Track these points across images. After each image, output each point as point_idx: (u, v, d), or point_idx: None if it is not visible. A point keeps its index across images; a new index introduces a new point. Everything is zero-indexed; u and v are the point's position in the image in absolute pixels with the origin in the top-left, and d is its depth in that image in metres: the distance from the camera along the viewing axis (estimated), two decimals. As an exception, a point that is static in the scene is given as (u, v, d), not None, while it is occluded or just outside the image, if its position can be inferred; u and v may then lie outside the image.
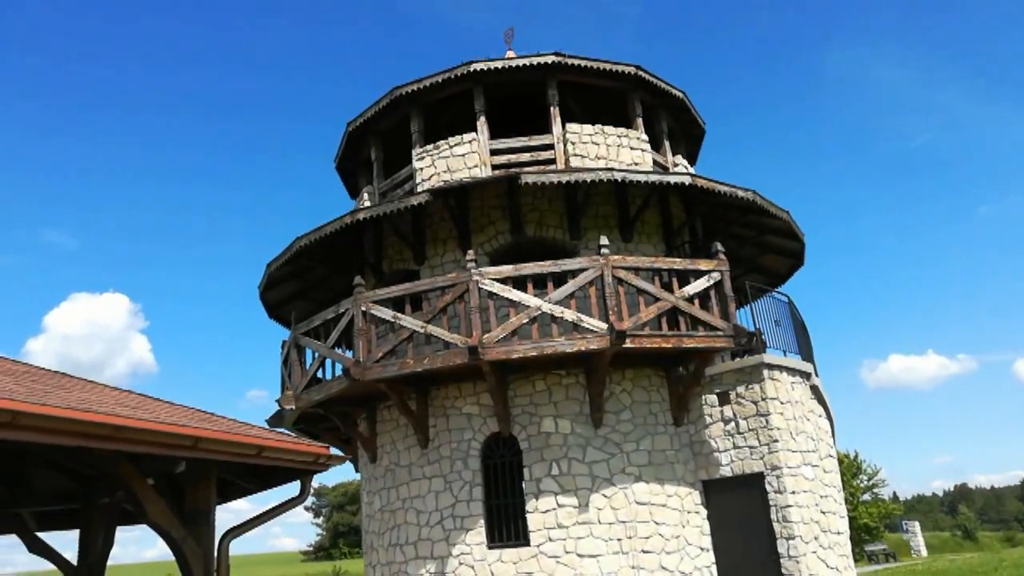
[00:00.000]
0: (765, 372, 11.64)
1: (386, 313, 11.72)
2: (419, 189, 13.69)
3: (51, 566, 8.69)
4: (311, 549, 63.79)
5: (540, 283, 11.44)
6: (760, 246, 15.69)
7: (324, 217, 13.10)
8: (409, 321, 11.50)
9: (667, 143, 15.44)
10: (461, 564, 11.62)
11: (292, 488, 6.64)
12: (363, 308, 11.80)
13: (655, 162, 14.60)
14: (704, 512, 11.90)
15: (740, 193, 12.66)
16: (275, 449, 5.31)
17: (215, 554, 5.58)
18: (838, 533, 12.04)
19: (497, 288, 11.26)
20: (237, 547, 6.00)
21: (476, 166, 13.70)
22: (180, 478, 5.88)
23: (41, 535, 8.56)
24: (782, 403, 11.66)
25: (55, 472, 8.08)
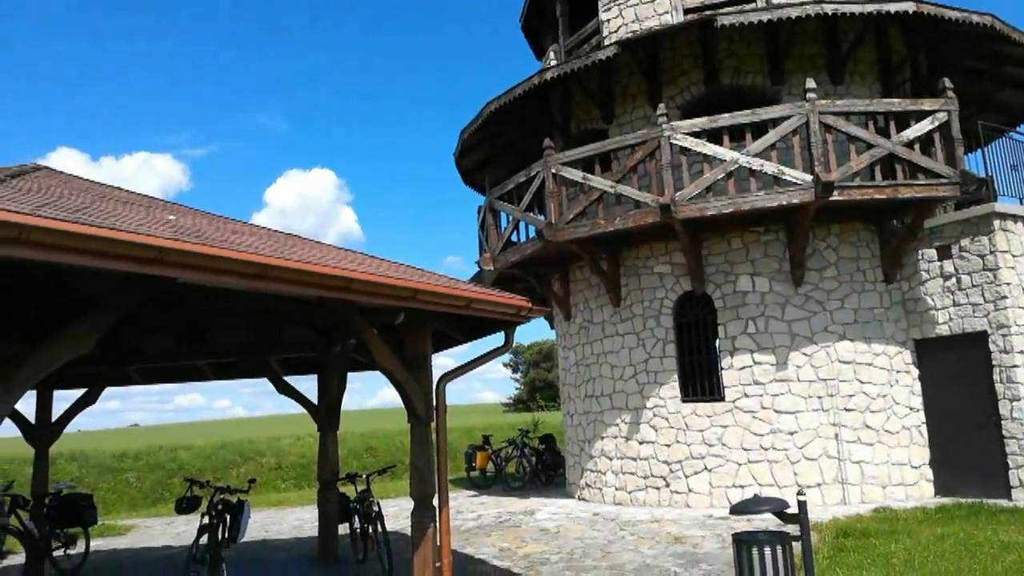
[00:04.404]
0: (996, 223, 10.47)
1: (575, 174, 11.74)
2: (606, 43, 13.20)
3: (293, 411, 10.01)
4: (511, 402, 68.52)
5: (737, 135, 10.85)
6: (996, 80, 13.73)
7: (512, 83, 13.05)
8: (599, 181, 11.45)
9: (885, -33, 13.57)
10: (656, 416, 12.00)
11: (495, 340, 7.11)
12: (553, 170, 11.88)
13: (870, -9, 12.94)
14: (915, 372, 11.29)
15: (975, 19, 11.02)
16: (483, 301, 5.65)
17: (434, 394, 6.18)
18: (1075, 398, 10.97)
19: (689, 143, 10.83)
20: (446, 397, 6.60)
21: (667, 12, 12.91)
22: (399, 329, 6.47)
23: (286, 379, 9.89)
24: (1014, 256, 10.51)
25: (297, 326, 9.21)
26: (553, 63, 14.51)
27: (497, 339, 6.98)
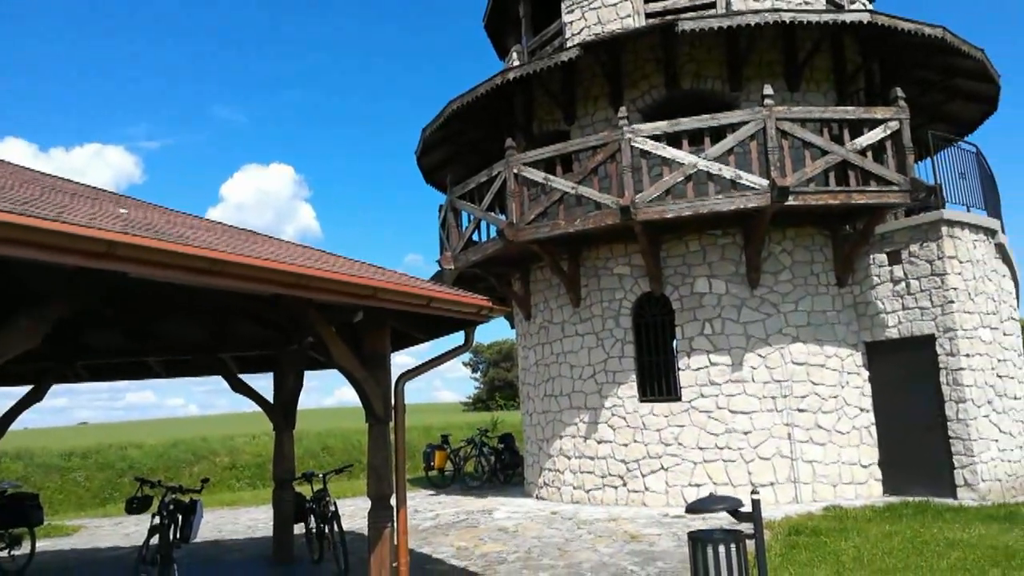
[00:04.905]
0: (944, 229, 10.79)
1: (537, 175, 11.77)
2: (569, 44, 13.26)
3: (248, 409, 9.88)
4: (470, 401, 68.42)
5: (696, 139, 10.99)
6: (947, 91, 14.12)
7: (475, 81, 13.00)
8: (560, 182, 11.50)
9: (842, -23, 13.88)
10: (614, 415, 12.09)
11: (455, 339, 7.09)
12: (515, 171, 11.90)
13: (827, 0, 13.24)
14: (865, 374, 11.57)
15: (927, 30, 11.33)
16: (443, 300, 5.62)
17: (392, 393, 6.13)
18: (1015, 398, 11.36)
19: (650, 146, 10.94)
20: (405, 396, 6.55)
21: (629, 16, 13.02)
22: (358, 327, 6.41)
23: (241, 377, 9.73)
24: (961, 262, 10.84)
25: (252, 322, 9.06)
26: (516, 63, 14.52)
27: (457, 338, 6.94)
